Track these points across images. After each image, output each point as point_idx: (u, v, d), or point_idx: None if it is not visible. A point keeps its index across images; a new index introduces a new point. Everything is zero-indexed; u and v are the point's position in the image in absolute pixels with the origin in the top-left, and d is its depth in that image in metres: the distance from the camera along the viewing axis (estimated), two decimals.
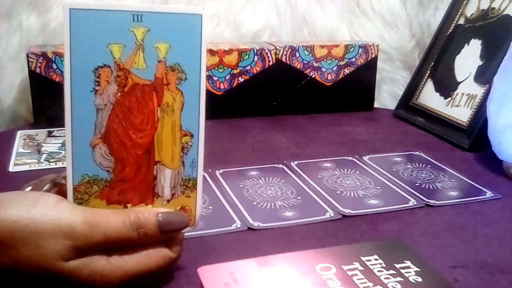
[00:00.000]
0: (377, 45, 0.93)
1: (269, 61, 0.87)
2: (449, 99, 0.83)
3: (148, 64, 0.39)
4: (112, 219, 0.38)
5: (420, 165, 0.68)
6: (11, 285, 0.37)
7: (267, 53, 0.86)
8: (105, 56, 0.38)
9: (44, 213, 0.36)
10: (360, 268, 0.40)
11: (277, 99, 0.89)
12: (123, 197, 0.40)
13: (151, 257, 0.39)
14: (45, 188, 0.43)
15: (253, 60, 0.86)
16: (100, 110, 0.39)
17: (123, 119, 0.39)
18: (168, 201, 0.42)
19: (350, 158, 0.70)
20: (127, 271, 0.38)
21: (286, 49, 0.87)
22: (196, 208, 0.42)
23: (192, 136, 0.41)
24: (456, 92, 0.83)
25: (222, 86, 0.86)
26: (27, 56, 0.77)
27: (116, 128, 0.39)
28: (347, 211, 0.55)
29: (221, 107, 0.85)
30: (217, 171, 0.64)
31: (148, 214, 0.39)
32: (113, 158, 0.39)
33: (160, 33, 0.38)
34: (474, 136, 0.75)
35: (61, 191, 0.41)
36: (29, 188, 0.43)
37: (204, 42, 0.39)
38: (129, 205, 0.41)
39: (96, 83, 0.38)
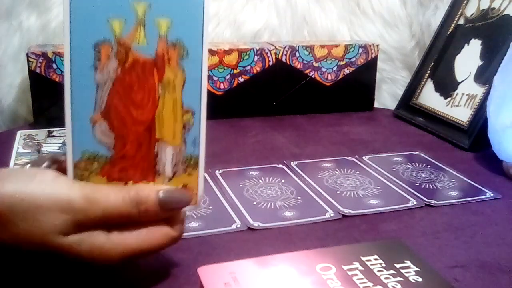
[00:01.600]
0: (377, 45, 0.93)
1: (269, 61, 0.87)
2: (449, 99, 0.83)
3: (149, 40, 0.38)
4: (112, 195, 0.37)
5: (420, 165, 0.68)
6: (11, 260, 0.37)
7: (267, 53, 0.86)
8: (105, 32, 0.37)
9: (42, 187, 0.36)
10: (360, 268, 0.40)
11: (277, 99, 0.89)
12: (123, 174, 0.40)
13: (152, 235, 0.38)
14: (44, 165, 0.42)
15: (253, 60, 0.86)
16: (100, 86, 0.38)
17: (123, 95, 0.38)
18: (170, 179, 0.41)
19: (350, 158, 0.70)
20: (127, 248, 0.38)
21: (286, 49, 0.87)
22: (198, 187, 0.41)
23: (193, 113, 0.40)
24: (456, 92, 0.83)
25: (222, 86, 0.86)
26: (27, 56, 0.77)
27: (116, 104, 0.38)
28: (347, 211, 0.55)
29: (221, 107, 0.85)
30: (217, 171, 0.64)
31: (149, 190, 0.38)
32: (113, 135, 0.39)
33: (161, 8, 0.38)
34: (474, 136, 0.75)
35: (61, 168, 0.40)
36: (28, 166, 0.43)
37: (207, 18, 0.39)
38: (130, 183, 0.40)
39: (96, 58, 0.37)
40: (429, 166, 0.68)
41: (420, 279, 0.39)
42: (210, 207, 0.55)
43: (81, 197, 0.36)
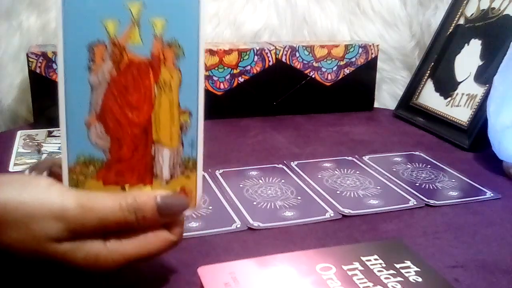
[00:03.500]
0: (377, 45, 0.93)
1: (269, 61, 0.87)
2: (449, 99, 0.83)
3: (144, 40, 0.37)
4: (108, 202, 0.36)
5: (420, 165, 0.68)
6: (7, 266, 0.37)
7: (267, 53, 0.86)
8: (99, 32, 0.36)
9: (35, 195, 0.36)
10: (360, 268, 0.40)
11: (277, 99, 0.89)
12: (120, 177, 0.39)
13: (151, 241, 0.38)
14: (44, 173, 0.42)
15: (253, 60, 0.86)
16: (95, 88, 0.37)
17: (118, 97, 0.38)
18: (167, 181, 0.40)
19: (350, 158, 0.70)
20: (125, 255, 0.37)
21: (286, 49, 0.87)
22: (197, 189, 0.41)
23: (191, 114, 0.39)
24: (456, 92, 0.83)
25: (222, 86, 0.86)
26: (27, 56, 0.77)
27: (111, 106, 0.38)
28: (347, 211, 0.55)
29: (221, 107, 0.85)
30: (217, 171, 0.64)
31: (147, 197, 0.37)
32: (109, 138, 0.38)
33: (156, 7, 0.37)
34: (474, 136, 0.75)
35: (58, 178, 0.39)
36: (27, 171, 0.42)
37: (203, 17, 0.38)
38: (126, 186, 0.40)
39: (90, 60, 0.37)
40: (429, 166, 0.68)
41: (420, 279, 0.39)
42: (210, 207, 0.55)
43: (76, 204, 0.36)
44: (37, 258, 0.36)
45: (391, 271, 0.39)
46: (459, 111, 0.80)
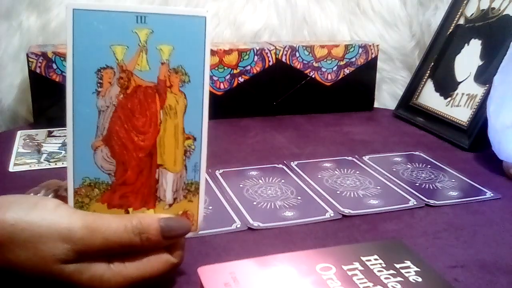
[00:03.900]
0: (377, 45, 0.93)
1: (269, 61, 0.87)
2: (449, 99, 0.83)
3: (151, 66, 0.38)
4: (113, 224, 0.37)
5: (420, 165, 0.68)
6: (12, 285, 0.37)
7: (267, 53, 0.86)
8: (108, 57, 0.37)
9: (43, 216, 0.36)
10: (360, 268, 0.40)
11: (277, 99, 0.89)
12: (124, 201, 0.40)
13: (152, 263, 0.39)
14: (50, 195, 0.42)
15: (253, 60, 0.86)
16: (102, 112, 0.38)
17: (125, 121, 0.39)
18: (170, 205, 0.41)
19: (350, 158, 0.70)
20: (127, 277, 0.38)
21: (286, 49, 0.87)
22: (198, 213, 0.42)
23: (195, 139, 0.40)
24: (456, 92, 0.83)
25: (222, 86, 0.86)
26: (27, 56, 0.77)
27: (118, 130, 0.39)
28: (347, 211, 0.55)
29: (221, 107, 0.85)
30: (217, 171, 0.64)
31: (151, 219, 0.38)
32: (114, 161, 0.39)
33: (163, 35, 0.38)
34: (474, 136, 0.75)
35: (63, 200, 0.40)
36: (32, 194, 0.43)
37: (208, 45, 0.39)
38: (130, 209, 0.40)
39: (98, 84, 0.38)
40: (429, 166, 0.68)
41: (420, 279, 0.39)
42: (210, 207, 0.55)
43: (82, 226, 0.36)
44: (43, 278, 0.36)
45: (391, 271, 0.39)
46: (459, 111, 0.80)
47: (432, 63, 0.90)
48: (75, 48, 0.37)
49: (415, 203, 0.57)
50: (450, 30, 0.89)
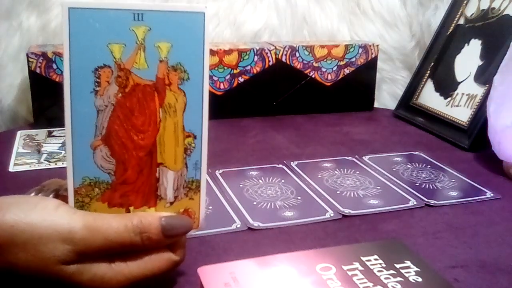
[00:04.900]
0: (377, 45, 0.93)
1: (269, 61, 0.87)
2: (449, 99, 0.83)
3: (150, 64, 0.38)
4: (114, 224, 0.37)
5: (420, 165, 0.68)
6: (13, 286, 0.37)
7: (267, 53, 0.86)
8: (105, 56, 0.37)
9: (43, 217, 0.36)
10: (360, 268, 0.40)
11: (277, 99, 0.89)
12: (125, 200, 0.40)
13: (154, 261, 0.39)
14: (50, 195, 0.42)
15: (253, 60, 0.86)
16: (101, 111, 0.38)
17: (124, 120, 0.38)
18: (171, 203, 0.41)
19: (350, 158, 0.70)
20: (129, 276, 0.38)
21: (286, 49, 0.87)
22: (200, 211, 0.42)
23: (195, 137, 0.40)
24: (456, 92, 0.83)
25: (222, 86, 0.86)
26: (27, 56, 0.77)
27: (117, 129, 0.38)
28: (347, 211, 0.55)
29: (221, 107, 0.85)
30: (217, 171, 0.64)
31: (152, 218, 0.38)
32: (114, 160, 0.39)
33: (161, 32, 0.38)
34: (474, 136, 0.75)
35: (64, 200, 0.40)
36: (32, 194, 0.43)
37: (207, 41, 0.39)
38: (131, 208, 0.40)
39: (96, 83, 0.37)
40: (429, 166, 0.68)
41: (420, 279, 0.39)
42: (210, 207, 0.55)
43: (83, 226, 0.36)
44: (44, 279, 0.36)
45: (391, 271, 0.39)
46: (459, 111, 0.80)
47: (432, 63, 0.90)
48: (72, 47, 0.36)
49: (415, 203, 0.57)
50: (450, 30, 0.89)
